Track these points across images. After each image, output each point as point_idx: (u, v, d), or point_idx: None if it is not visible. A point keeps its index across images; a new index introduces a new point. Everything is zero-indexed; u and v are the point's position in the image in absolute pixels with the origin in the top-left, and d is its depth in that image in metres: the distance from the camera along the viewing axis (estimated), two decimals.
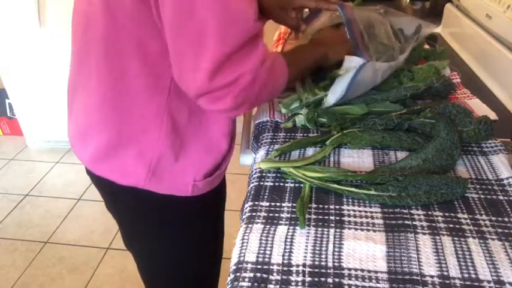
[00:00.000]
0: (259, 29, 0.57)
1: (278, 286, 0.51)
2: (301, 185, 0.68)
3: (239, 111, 0.63)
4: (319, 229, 0.59)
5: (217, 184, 0.83)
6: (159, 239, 0.86)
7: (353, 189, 0.64)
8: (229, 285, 0.52)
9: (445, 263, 0.53)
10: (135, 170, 0.73)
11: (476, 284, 0.50)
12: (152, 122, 0.69)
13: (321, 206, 0.63)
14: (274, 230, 0.59)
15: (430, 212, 0.61)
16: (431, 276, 0.51)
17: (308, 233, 0.59)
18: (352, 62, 0.78)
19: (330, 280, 0.51)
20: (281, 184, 0.68)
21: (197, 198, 0.79)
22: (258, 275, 0.52)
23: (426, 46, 1.12)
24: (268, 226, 0.60)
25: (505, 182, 0.67)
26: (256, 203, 0.64)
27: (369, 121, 0.78)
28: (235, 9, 0.54)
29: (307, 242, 0.57)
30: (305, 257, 0.55)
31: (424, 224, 0.59)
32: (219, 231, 0.96)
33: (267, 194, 0.66)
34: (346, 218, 0.61)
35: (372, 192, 0.63)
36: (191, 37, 0.55)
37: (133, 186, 0.74)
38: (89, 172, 0.80)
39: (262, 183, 0.69)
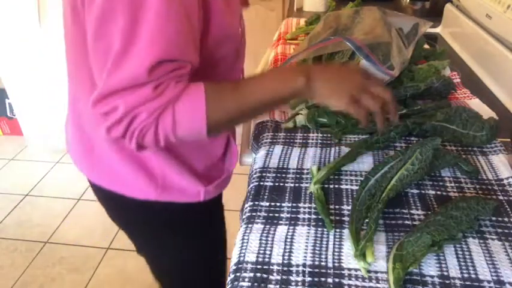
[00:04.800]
0: (152, 78, 0.53)
1: (278, 286, 0.51)
2: (301, 185, 0.68)
3: (131, 145, 0.57)
4: (319, 229, 0.59)
5: (225, 186, 0.84)
6: (171, 246, 0.86)
7: None
8: (229, 285, 0.52)
9: (445, 263, 0.53)
10: (145, 185, 0.73)
11: (476, 284, 0.50)
12: None
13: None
14: (274, 230, 0.59)
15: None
16: (431, 276, 0.51)
17: (308, 233, 0.59)
18: (369, 68, 0.77)
19: (330, 280, 0.51)
20: (281, 184, 0.68)
21: (207, 203, 0.79)
22: (258, 275, 0.52)
23: (426, 46, 1.12)
24: (268, 226, 0.60)
25: (505, 182, 0.67)
26: (256, 203, 0.64)
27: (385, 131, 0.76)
28: (133, 51, 0.52)
29: (307, 242, 0.57)
30: (305, 257, 0.55)
31: None
32: (224, 235, 0.97)
33: (267, 194, 0.66)
34: (346, 218, 0.61)
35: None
36: (99, 57, 0.55)
37: (144, 200, 0.74)
38: (95, 187, 0.79)
39: (262, 183, 0.69)
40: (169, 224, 0.82)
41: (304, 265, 0.54)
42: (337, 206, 0.63)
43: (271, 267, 0.53)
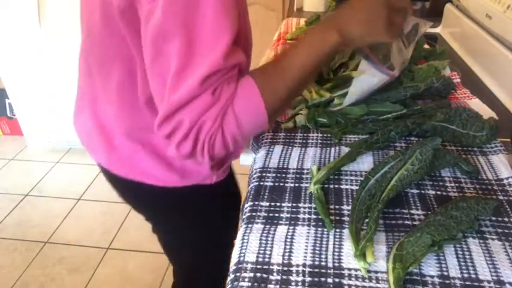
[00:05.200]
0: (208, 87, 0.55)
1: (278, 286, 0.51)
2: (301, 185, 0.68)
3: (199, 158, 0.59)
4: (319, 229, 0.59)
5: (228, 171, 0.87)
6: (179, 229, 0.90)
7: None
8: (229, 285, 0.52)
9: (445, 263, 0.53)
10: (166, 175, 0.76)
11: (476, 284, 0.50)
12: None
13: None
14: (274, 230, 0.59)
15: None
16: (431, 276, 0.51)
17: (308, 233, 0.59)
18: (369, 68, 0.77)
19: (330, 280, 0.51)
20: (281, 184, 0.68)
21: (215, 186, 0.82)
22: (258, 275, 0.52)
23: (426, 46, 1.12)
24: (268, 226, 0.60)
25: (505, 182, 0.67)
26: (256, 203, 0.64)
27: (385, 131, 0.76)
28: (189, 69, 0.53)
29: (307, 242, 0.57)
30: (305, 257, 0.55)
31: None
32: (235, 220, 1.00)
33: (267, 194, 0.66)
34: (346, 218, 0.61)
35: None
36: (157, 79, 0.57)
37: (167, 186, 0.77)
38: (111, 175, 0.81)
39: (262, 183, 0.69)
40: (181, 207, 0.84)
41: (304, 265, 0.54)
42: (337, 206, 0.63)
43: (271, 267, 0.53)
